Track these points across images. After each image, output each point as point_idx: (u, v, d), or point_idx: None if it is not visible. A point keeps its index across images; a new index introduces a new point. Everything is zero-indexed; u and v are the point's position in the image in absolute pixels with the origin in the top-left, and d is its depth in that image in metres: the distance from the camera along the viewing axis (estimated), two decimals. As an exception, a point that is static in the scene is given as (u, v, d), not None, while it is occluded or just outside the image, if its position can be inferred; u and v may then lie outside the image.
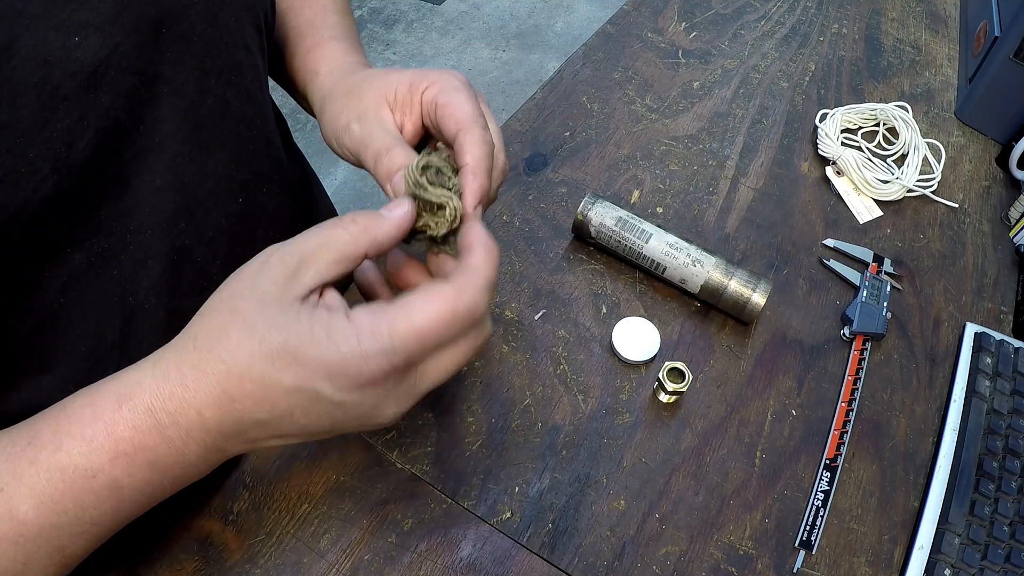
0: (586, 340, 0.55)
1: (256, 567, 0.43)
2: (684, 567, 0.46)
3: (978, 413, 0.53)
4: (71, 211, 0.36)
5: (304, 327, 0.29)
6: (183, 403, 0.30)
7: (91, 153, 0.35)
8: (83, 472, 0.30)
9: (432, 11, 2.46)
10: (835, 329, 0.59)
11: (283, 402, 0.30)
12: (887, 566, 0.48)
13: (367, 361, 0.29)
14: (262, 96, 0.48)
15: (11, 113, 0.31)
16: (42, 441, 0.30)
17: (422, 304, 0.30)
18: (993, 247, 0.67)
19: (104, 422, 0.30)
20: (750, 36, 0.83)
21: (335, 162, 1.93)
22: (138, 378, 0.31)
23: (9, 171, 0.32)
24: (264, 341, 0.29)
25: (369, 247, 0.32)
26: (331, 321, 0.29)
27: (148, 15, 0.37)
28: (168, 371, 0.30)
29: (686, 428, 0.52)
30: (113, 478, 0.30)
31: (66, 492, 0.30)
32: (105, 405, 0.30)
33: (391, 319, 0.29)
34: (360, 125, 0.39)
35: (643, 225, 0.57)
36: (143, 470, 0.31)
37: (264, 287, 0.30)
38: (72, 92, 0.33)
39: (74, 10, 0.33)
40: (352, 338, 0.29)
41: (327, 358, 0.29)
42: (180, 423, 0.30)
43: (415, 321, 0.29)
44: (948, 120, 0.78)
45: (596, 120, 0.71)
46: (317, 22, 0.51)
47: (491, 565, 0.45)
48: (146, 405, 0.30)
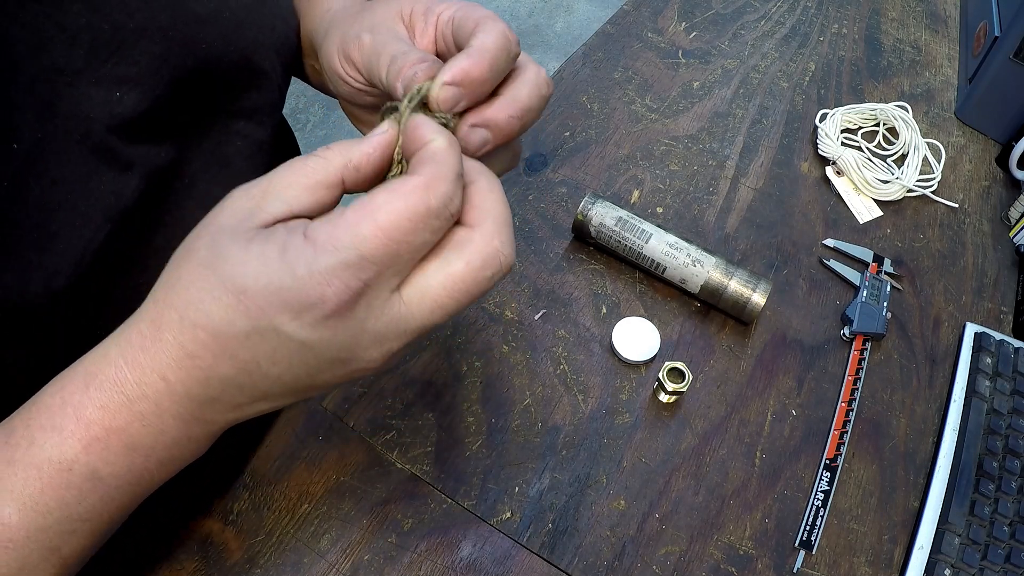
0: (586, 340, 0.55)
1: (256, 567, 0.43)
2: (684, 567, 0.46)
3: (978, 413, 0.53)
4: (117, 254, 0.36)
5: (254, 254, 0.25)
6: (145, 369, 0.27)
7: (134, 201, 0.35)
8: (58, 466, 0.27)
9: (432, 11, 2.47)
10: (835, 329, 0.59)
11: (243, 351, 0.26)
12: (887, 566, 0.48)
13: (328, 280, 0.24)
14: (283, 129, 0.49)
15: (58, 169, 0.31)
16: (16, 439, 0.28)
17: (385, 200, 0.24)
18: (993, 247, 0.67)
19: (72, 406, 0.27)
20: (750, 36, 0.83)
21: (335, 162, 1.94)
22: (104, 351, 0.28)
23: (63, 225, 0.32)
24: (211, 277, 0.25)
25: (344, 170, 0.27)
26: (286, 240, 0.25)
27: (186, 65, 0.37)
28: (130, 336, 0.27)
29: (686, 428, 0.52)
30: (91, 467, 0.27)
31: (45, 490, 0.27)
32: (73, 388, 0.27)
33: (351, 224, 0.24)
34: (372, 35, 0.35)
35: (643, 225, 0.57)
36: (122, 455, 0.28)
37: (222, 221, 0.27)
38: (115, 145, 0.34)
39: (115, 64, 0.33)
40: (308, 254, 0.24)
41: (279, 285, 0.24)
42: (148, 394, 0.27)
43: (379, 221, 0.24)
44: (948, 120, 0.78)
45: (596, 120, 0.71)
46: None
47: (491, 565, 0.45)
48: (112, 379, 0.27)
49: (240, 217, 0.26)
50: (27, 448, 0.27)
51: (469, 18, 0.32)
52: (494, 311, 0.56)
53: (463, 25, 0.32)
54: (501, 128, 0.31)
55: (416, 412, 0.50)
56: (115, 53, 0.33)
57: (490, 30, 0.30)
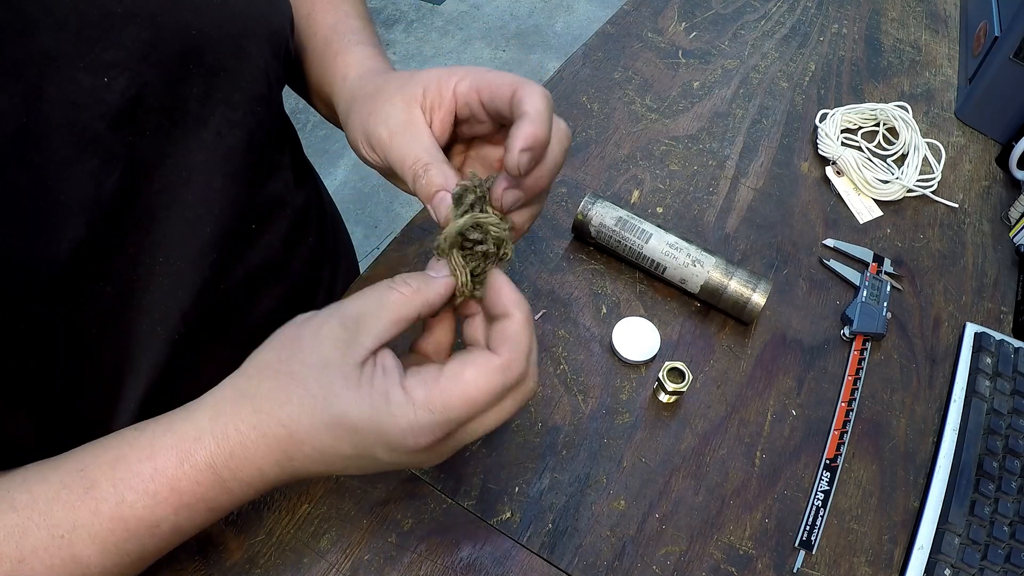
0: (586, 340, 0.55)
1: (256, 567, 0.43)
2: (684, 567, 0.46)
3: (978, 413, 0.53)
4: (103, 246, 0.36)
5: (364, 399, 0.30)
6: (244, 462, 0.32)
7: (119, 189, 0.35)
8: (147, 523, 0.32)
9: (432, 11, 2.46)
10: (835, 329, 0.59)
11: (340, 463, 0.32)
12: (887, 566, 0.48)
13: (423, 434, 0.31)
14: (279, 123, 0.49)
15: (41, 155, 0.31)
16: (102, 493, 0.31)
17: (473, 376, 0.31)
18: (993, 247, 0.67)
19: (167, 478, 0.32)
20: (750, 36, 0.83)
21: (335, 162, 1.94)
22: (196, 434, 0.32)
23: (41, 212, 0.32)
24: (327, 411, 0.30)
25: (422, 308, 0.33)
26: (389, 391, 0.31)
27: (176, 52, 0.37)
28: (227, 431, 0.32)
29: (686, 428, 0.52)
30: (176, 525, 0.33)
31: (129, 539, 0.32)
32: (167, 463, 0.32)
33: (444, 392, 0.31)
34: (390, 132, 0.37)
35: (643, 225, 0.57)
36: (203, 514, 0.33)
37: (325, 352, 0.31)
38: (101, 132, 0.33)
39: (103, 50, 0.33)
40: (409, 412, 0.30)
41: (385, 431, 0.30)
42: (241, 479, 0.32)
43: (468, 394, 0.31)
44: (948, 120, 0.78)
45: (596, 120, 0.71)
46: (342, 27, 0.50)
47: (491, 565, 0.45)
48: (207, 463, 0.32)
49: (341, 351, 0.31)
50: (116, 504, 0.31)
51: (502, 85, 0.35)
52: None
53: (498, 94, 0.35)
54: (532, 188, 0.35)
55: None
56: (103, 38, 0.33)
57: (534, 93, 0.34)
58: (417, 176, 0.36)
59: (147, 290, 0.40)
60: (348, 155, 1.97)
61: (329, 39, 0.49)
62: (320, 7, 0.52)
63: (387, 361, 0.32)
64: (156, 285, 0.40)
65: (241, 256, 0.46)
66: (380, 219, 1.83)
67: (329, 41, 0.49)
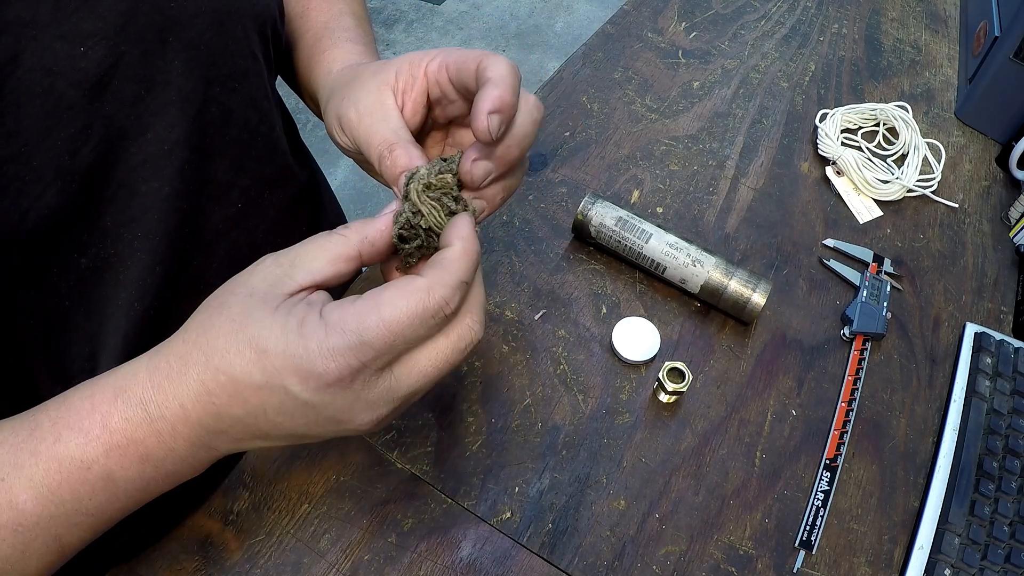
0: (586, 340, 0.55)
1: (256, 567, 0.43)
2: (684, 567, 0.46)
3: (978, 413, 0.53)
4: (78, 217, 0.36)
5: (279, 322, 0.29)
6: (168, 395, 0.30)
7: (95, 160, 0.35)
8: (79, 463, 0.30)
9: (432, 11, 2.46)
10: (835, 329, 0.59)
11: (254, 398, 0.30)
12: (887, 566, 0.48)
13: (333, 357, 0.28)
14: (268, 103, 0.48)
15: (16, 122, 0.31)
16: (42, 432, 0.31)
17: (391, 297, 0.29)
18: (993, 247, 0.67)
19: (100, 414, 0.30)
20: (750, 36, 0.83)
21: (335, 162, 1.94)
22: (134, 370, 0.31)
23: (13, 179, 0.32)
24: (239, 333, 0.29)
25: (362, 244, 0.32)
26: (305, 316, 0.29)
27: (155, 24, 0.37)
28: (159, 363, 0.31)
29: (686, 428, 0.52)
30: (107, 470, 0.31)
31: (63, 483, 0.30)
32: (103, 398, 0.31)
33: (359, 312, 0.29)
34: (359, 113, 0.37)
35: (643, 225, 0.57)
36: (136, 463, 0.31)
37: (254, 283, 0.31)
38: (77, 101, 0.34)
39: (80, 19, 0.33)
40: (320, 332, 0.28)
41: (293, 353, 0.28)
42: (166, 416, 0.30)
43: (383, 315, 0.28)
44: (948, 120, 0.78)
45: (596, 120, 0.71)
46: (333, 24, 0.50)
47: (491, 565, 0.45)
48: (138, 397, 0.30)
49: (270, 282, 0.30)
50: (52, 443, 0.30)
51: (467, 58, 0.34)
52: (494, 311, 0.56)
53: (464, 67, 0.35)
54: (501, 157, 0.34)
55: (416, 412, 0.50)
56: (81, 7, 0.33)
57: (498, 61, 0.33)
58: (383, 157, 0.35)
59: (124, 264, 0.39)
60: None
61: (319, 36, 0.49)
62: (315, 5, 0.52)
63: (316, 295, 0.31)
64: (134, 260, 0.40)
65: (224, 235, 0.46)
66: (380, 219, 1.83)
67: (319, 38, 0.49)
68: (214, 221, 0.45)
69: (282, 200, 0.52)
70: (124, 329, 0.41)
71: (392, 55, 2.28)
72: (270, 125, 0.49)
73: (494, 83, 0.32)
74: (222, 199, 0.45)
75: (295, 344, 0.28)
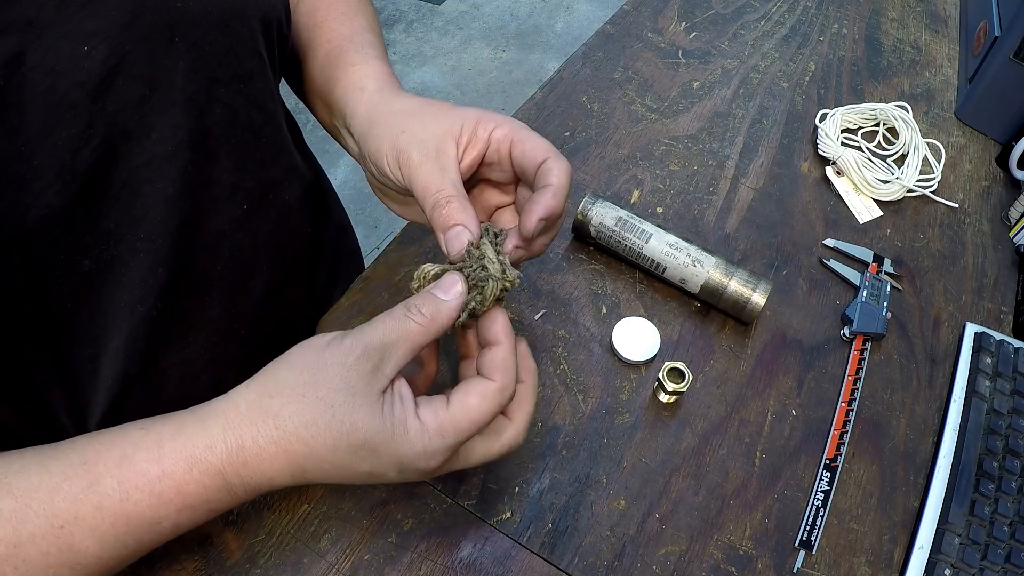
0: (586, 340, 0.55)
1: (256, 567, 0.43)
2: (684, 567, 0.46)
3: (978, 413, 0.53)
4: (80, 218, 0.36)
5: (386, 426, 0.33)
6: (257, 471, 0.33)
7: (97, 160, 0.35)
8: (149, 520, 0.33)
9: (432, 11, 2.47)
10: (835, 329, 0.59)
11: (354, 478, 0.35)
12: (887, 566, 0.48)
13: (434, 457, 0.34)
14: (273, 105, 0.48)
15: (19, 121, 0.31)
16: (106, 489, 0.32)
17: (477, 403, 0.35)
18: (993, 247, 0.67)
19: (174, 481, 0.33)
20: (750, 36, 0.83)
21: (335, 162, 1.94)
22: (208, 442, 0.33)
23: (14, 177, 0.32)
24: (352, 436, 0.33)
25: (436, 334, 0.36)
26: (406, 419, 0.34)
27: (160, 23, 0.37)
28: (243, 442, 0.33)
29: (686, 428, 0.52)
30: (177, 523, 0.34)
31: (130, 534, 0.33)
32: (175, 467, 0.33)
33: (454, 419, 0.34)
34: (420, 155, 0.39)
35: (643, 225, 0.57)
36: (203, 514, 0.34)
37: (353, 381, 0.33)
38: (79, 100, 0.34)
39: (85, 18, 0.33)
40: (424, 438, 0.34)
41: (402, 455, 0.34)
42: (249, 485, 0.34)
43: (473, 418, 0.34)
44: (948, 120, 0.78)
45: (596, 120, 0.71)
46: (358, 40, 0.50)
47: (491, 565, 0.45)
48: (217, 469, 0.33)
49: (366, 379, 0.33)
50: (119, 501, 0.32)
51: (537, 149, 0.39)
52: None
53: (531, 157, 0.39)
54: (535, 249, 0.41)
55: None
56: (86, 6, 0.33)
57: (562, 168, 0.39)
58: (438, 205, 0.38)
59: (126, 266, 0.39)
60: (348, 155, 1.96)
61: (344, 48, 0.49)
62: (334, 18, 0.52)
63: (403, 390, 0.35)
64: (136, 262, 0.40)
65: (228, 237, 0.46)
66: (380, 219, 1.83)
67: (344, 51, 0.49)
68: (218, 222, 0.44)
69: (286, 202, 0.51)
70: (127, 330, 0.41)
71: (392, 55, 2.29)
72: (275, 126, 0.49)
73: (553, 193, 0.38)
74: (226, 201, 0.45)
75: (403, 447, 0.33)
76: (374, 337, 0.34)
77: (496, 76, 2.23)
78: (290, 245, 0.53)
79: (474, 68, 2.26)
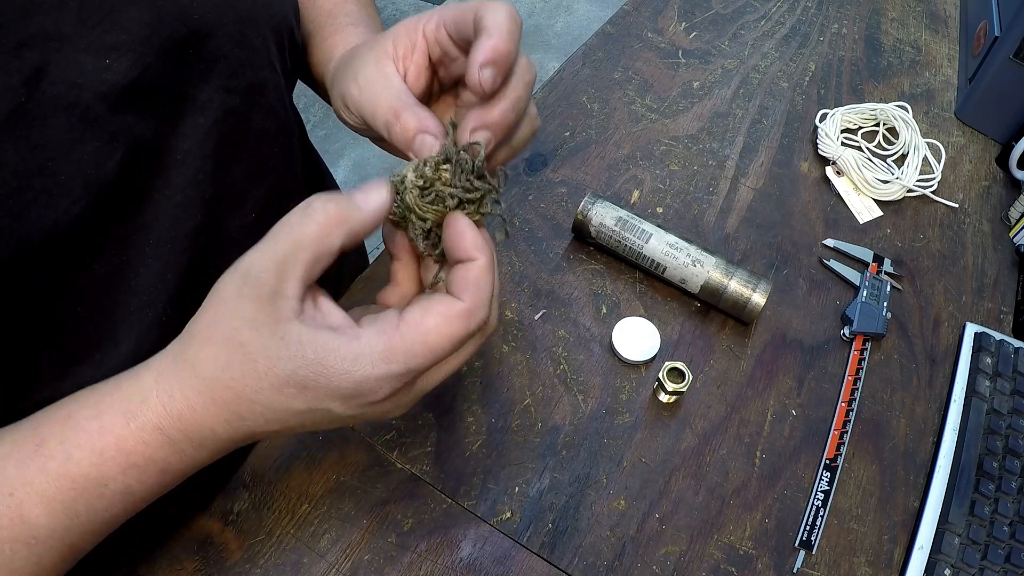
0: (586, 340, 0.55)
1: (256, 567, 0.43)
2: (684, 567, 0.46)
3: (978, 413, 0.53)
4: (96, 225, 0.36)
5: (307, 355, 0.29)
6: (193, 423, 0.31)
7: (120, 171, 0.35)
8: (95, 481, 0.31)
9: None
10: (835, 329, 0.59)
11: (294, 419, 0.31)
12: (887, 566, 0.48)
13: (382, 384, 0.29)
14: (285, 113, 0.48)
15: (42, 135, 0.31)
16: (50, 450, 0.31)
17: (435, 324, 0.30)
18: (993, 247, 0.67)
19: (113, 436, 0.31)
20: (750, 36, 0.83)
21: (335, 162, 1.94)
22: (141, 395, 0.31)
23: (41, 192, 0.32)
24: (270, 373, 0.29)
25: (345, 239, 0.30)
26: (336, 342, 0.29)
27: (178, 36, 0.37)
28: (173, 394, 0.31)
29: (686, 428, 0.52)
30: (126, 485, 0.31)
31: (78, 498, 0.31)
32: (113, 420, 0.31)
33: (406, 341, 0.29)
34: (359, 86, 0.36)
35: (643, 225, 0.57)
36: (154, 476, 0.32)
37: (252, 314, 0.29)
38: (102, 113, 0.34)
39: (105, 31, 0.33)
40: (367, 364, 0.29)
41: (337, 386, 0.29)
42: (192, 438, 0.31)
43: (430, 342, 0.29)
44: (948, 120, 0.78)
45: (596, 120, 0.71)
46: (336, 11, 0.50)
47: (491, 565, 0.45)
48: (154, 424, 0.31)
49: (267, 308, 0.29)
50: (63, 462, 0.30)
51: (464, 10, 0.33)
52: (494, 311, 0.56)
53: (462, 20, 0.33)
54: (499, 123, 0.33)
55: (416, 412, 0.50)
56: (105, 19, 0.33)
57: (496, 8, 0.31)
58: (390, 124, 0.34)
59: (137, 271, 0.40)
60: (348, 155, 1.97)
61: (323, 23, 0.50)
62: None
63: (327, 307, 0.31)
64: (146, 267, 0.40)
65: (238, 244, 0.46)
66: (380, 219, 1.83)
67: (322, 25, 0.49)
68: (228, 230, 0.45)
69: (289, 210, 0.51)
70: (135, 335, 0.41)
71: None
72: (286, 134, 0.49)
73: (488, 32, 0.31)
74: (237, 208, 0.45)
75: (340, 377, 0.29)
76: (264, 256, 0.29)
77: (496, 76, 2.23)
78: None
79: (474, 68, 2.26)
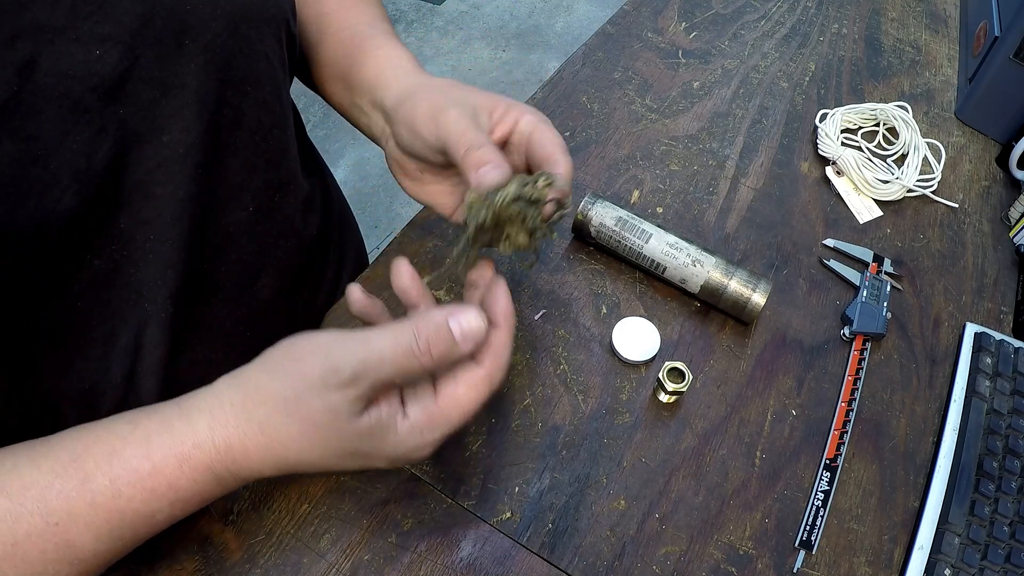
0: (586, 340, 0.55)
1: (256, 567, 0.43)
2: (684, 567, 0.46)
3: (978, 413, 0.53)
4: (93, 220, 0.36)
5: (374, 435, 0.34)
6: (245, 467, 0.35)
7: (110, 163, 0.35)
8: (144, 515, 0.34)
9: (432, 11, 2.46)
10: (835, 329, 0.59)
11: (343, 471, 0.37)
12: (887, 566, 0.48)
13: (425, 448, 0.36)
14: (281, 106, 0.48)
15: (34, 126, 0.32)
16: (98, 486, 0.33)
17: (465, 392, 0.35)
18: (993, 247, 0.67)
19: (165, 477, 0.33)
20: (750, 36, 0.83)
21: (335, 162, 1.94)
22: (195, 440, 0.34)
23: (34, 183, 0.32)
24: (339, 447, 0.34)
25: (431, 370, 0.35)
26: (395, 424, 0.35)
27: (171, 27, 0.37)
28: (231, 443, 0.34)
29: (686, 428, 0.52)
30: (171, 515, 0.35)
31: (125, 528, 0.33)
32: (166, 463, 0.33)
33: (444, 411, 0.35)
34: (459, 114, 0.40)
35: (643, 225, 0.57)
36: (196, 505, 0.35)
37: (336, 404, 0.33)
38: (92, 105, 0.34)
39: (97, 23, 0.33)
40: (416, 435, 0.35)
41: (392, 454, 0.35)
42: (238, 476, 0.35)
43: (462, 406, 0.35)
44: (948, 120, 0.78)
45: (596, 120, 0.71)
46: (380, 26, 0.52)
47: (491, 565, 0.45)
48: (206, 465, 0.34)
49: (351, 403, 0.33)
50: (112, 498, 0.33)
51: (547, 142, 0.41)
52: (494, 311, 0.56)
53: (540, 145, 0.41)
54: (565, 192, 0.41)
55: (416, 412, 0.50)
56: (97, 10, 0.33)
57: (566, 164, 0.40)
58: (472, 148, 0.38)
59: (137, 268, 0.40)
60: (348, 155, 1.97)
61: (364, 34, 0.51)
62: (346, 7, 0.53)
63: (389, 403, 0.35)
64: (146, 263, 0.40)
65: (235, 240, 0.46)
66: (380, 219, 1.84)
67: (366, 35, 0.50)
68: (225, 225, 0.45)
69: (292, 205, 0.52)
70: (136, 331, 0.41)
71: (392, 55, 2.28)
72: (283, 128, 0.49)
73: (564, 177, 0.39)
74: (234, 202, 0.45)
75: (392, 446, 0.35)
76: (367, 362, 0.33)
77: (496, 76, 2.23)
78: (296, 247, 0.53)
79: (474, 68, 2.26)
